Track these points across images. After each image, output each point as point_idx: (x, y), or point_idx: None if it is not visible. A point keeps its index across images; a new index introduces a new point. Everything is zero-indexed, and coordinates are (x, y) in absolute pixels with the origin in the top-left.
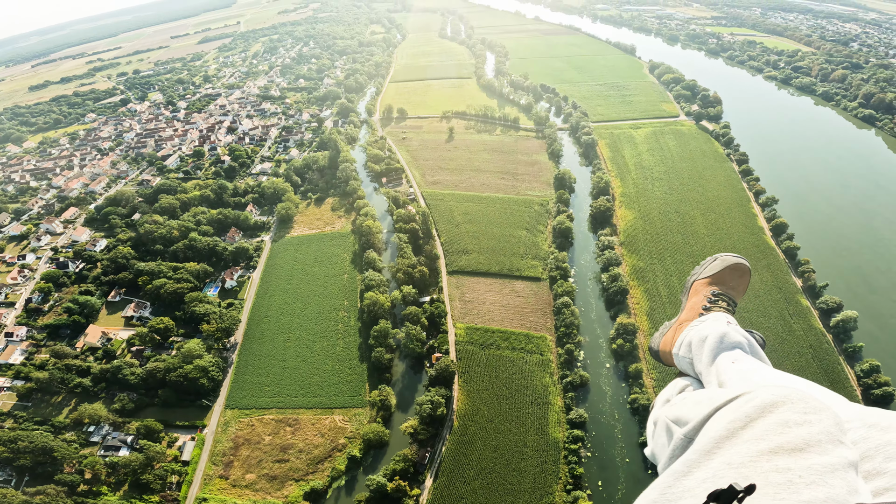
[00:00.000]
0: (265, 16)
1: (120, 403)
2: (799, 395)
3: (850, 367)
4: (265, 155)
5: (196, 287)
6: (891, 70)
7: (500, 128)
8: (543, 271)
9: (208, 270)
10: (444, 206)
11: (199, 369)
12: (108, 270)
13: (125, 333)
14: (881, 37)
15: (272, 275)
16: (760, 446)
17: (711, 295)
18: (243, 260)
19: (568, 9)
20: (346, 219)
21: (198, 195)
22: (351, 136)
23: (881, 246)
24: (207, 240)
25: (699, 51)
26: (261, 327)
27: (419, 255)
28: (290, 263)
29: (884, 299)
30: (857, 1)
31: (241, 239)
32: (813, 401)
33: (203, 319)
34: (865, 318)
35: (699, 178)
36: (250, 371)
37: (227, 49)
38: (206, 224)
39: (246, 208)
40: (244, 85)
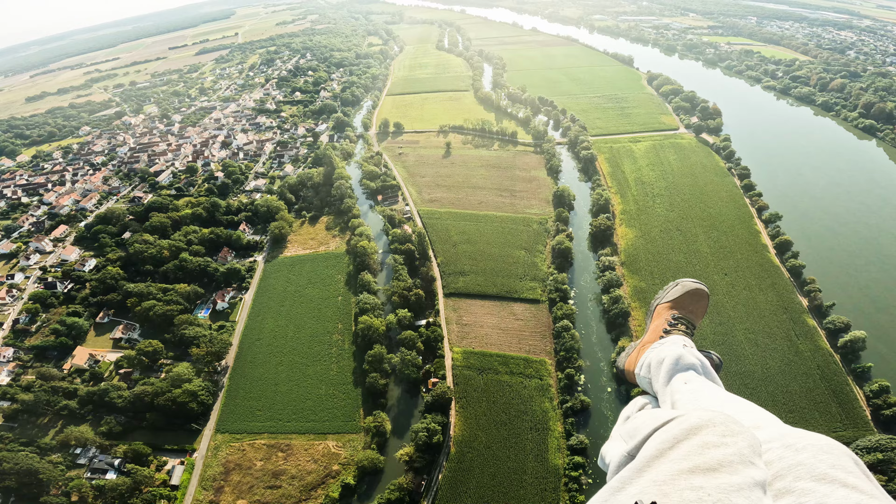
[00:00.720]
0: (263, 27)
1: (107, 426)
2: (721, 419)
3: (858, 388)
4: (259, 171)
5: (186, 309)
6: (889, 78)
7: (497, 142)
8: (542, 293)
9: (199, 292)
10: (441, 225)
11: (189, 393)
12: (97, 291)
13: (113, 356)
14: (877, 44)
15: (265, 296)
16: (682, 466)
17: (672, 318)
18: (235, 281)
19: (565, 20)
20: (341, 238)
21: (189, 213)
22: (347, 151)
23: (888, 263)
24: (198, 260)
25: (697, 61)
26: (253, 350)
27: (415, 276)
28: (283, 285)
29: (892, 318)
30: (851, 8)
31: (234, 259)
32: (733, 424)
33: (193, 343)
34: (874, 338)
35: (701, 194)
36: (242, 395)
37: (224, 61)
38: (198, 244)
39: (239, 227)
40: (240, 98)
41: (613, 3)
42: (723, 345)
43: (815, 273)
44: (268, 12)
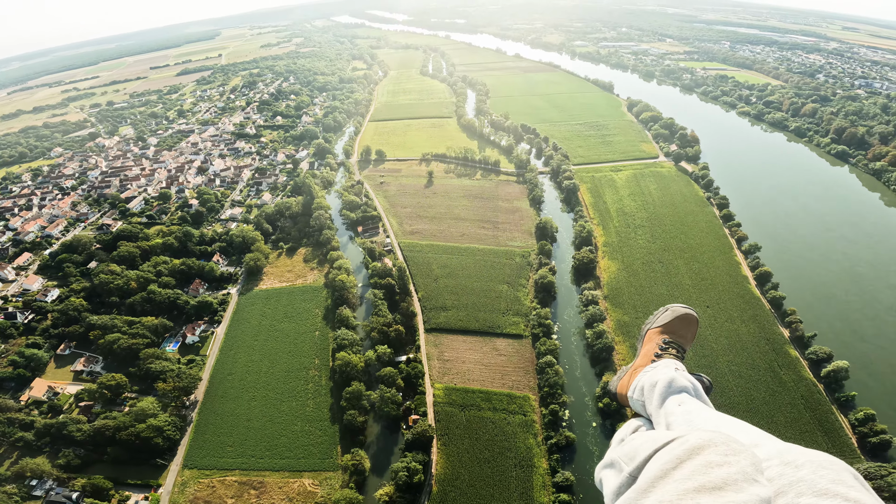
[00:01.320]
0: (247, 49)
1: (65, 459)
2: (722, 439)
3: (843, 417)
4: (236, 199)
5: (153, 342)
6: (858, 102)
7: (480, 171)
8: (525, 328)
9: (168, 325)
10: (422, 258)
11: (154, 428)
12: (59, 323)
13: (74, 388)
14: (844, 66)
15: (238, 330)
16: (687, 485)
17: (663, 343)
18: (207, 314)
19: (547, 46)
20: (319, 271)
21: (160, 243)
22: (327, 179)
23: (866, 292)
24: (168, 292)
25: (674, 86)
26: (224, 385)
27: (395, 311)
28: (257, 318)
29: (873, 347)
30: (818, 31)
31: (206, 291)
32: (734, 444)
33: (160, 377)
34: (856, 367)
35: (681, 225)
36: (212, 430)
37: (205, 82)
38: (168, 275)
39: (212, 258)
40: (219, 121)
41: (594, 30)
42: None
43: (795, 304)
44: (253, 34)
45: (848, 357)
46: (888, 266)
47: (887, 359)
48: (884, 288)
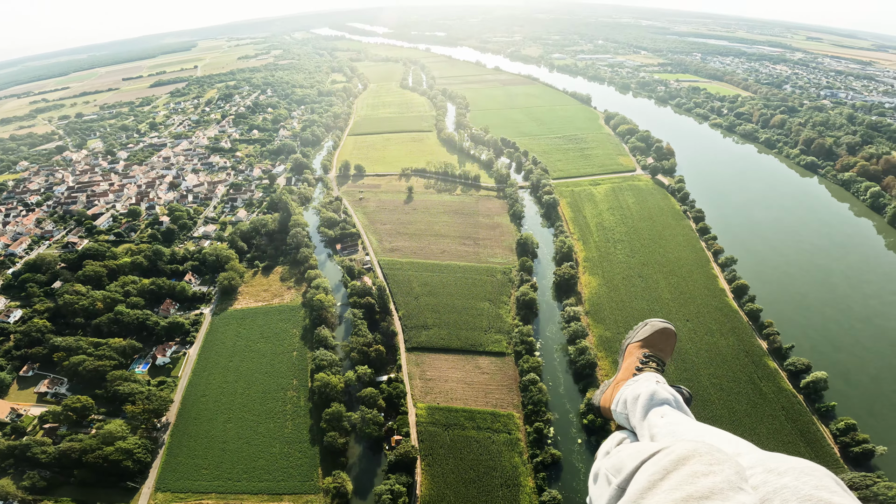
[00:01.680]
0: (224, 61)
1: (30, 481)
2: (707, 449)
3: (824, 427)
4: (210, 215)
5: (121, 364)
6: (825, 112)
7: (460, 187)
8: (508, 346)
9: (136, 346)
10: (403, 276)
11: (123, 451)
12: (21, 344)
13: (38, 410)
14: (810, 77)
15: (212, 351)
16: (675, 496)
17: (643, 356)
18: (178, 335)
19: (526, 59)
20: (297, 290)
21: (129, 262)
22: (305, 195)
23: (840, 302)
24: (137, 313)
25: (649, 99)
26: (197, 407)
27: (375, 331)
28: (232, 339)
29: (850, 357)
30: (783, 41)
31: (177, 312)
32: (718, 453)
33: (128, 400)
34: (834, 377)
35: (659, 238)
36: (185, 453)
37: (179, 94)
38: (137, 295)
39: (184, 277)
40: (193, 135)
41: (571, 42)
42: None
43: (771, 315)
44: (230, 46)
45: (825, 367)
46: (860, 276)
47: (864, 368)
48: (857, 298)
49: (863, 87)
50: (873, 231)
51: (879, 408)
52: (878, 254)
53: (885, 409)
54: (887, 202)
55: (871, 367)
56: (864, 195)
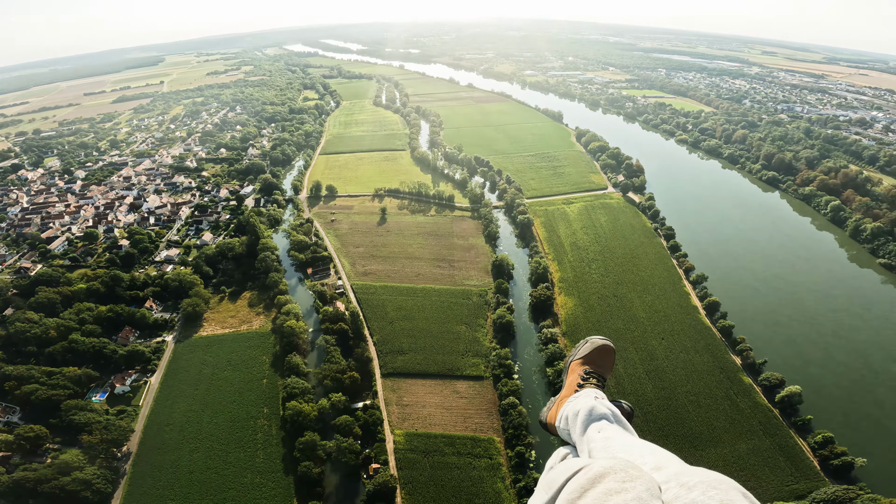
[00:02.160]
0: (193, 76)
1: None
2: (622, 466)
3: (802, 441)
4: (173, 239)
5: (77, 393)
6: (783, 126)
7: (434, 207)
8: (486, 369)
9: (93, 375)
10: (377, 300)
11: (81, 482)
12: None
13: None
14: (767, 91)
15: (175, 379)
16: None
17: (584, 373)
18: (139, 364)
19: (499, 76)
20: (266, 316)
21: (84, 288)
22: (274, 217)
23: (809, 317)
24: (93, 341)
25: (618, 115)
26: (161, 436)
27: (349, 357)
28: (197, 367)
29: (821, 370)
30: (741, 56)
31: (137, 340)
32: (632, 470)
33: (84, 429)
34: (808, 391)
35: (632, 257)
36: (149, 483)
37: (143, 110)
38: (93, 323)
39: (144, 304)
40: (156, 153)
41: (542, 59)
42: (668, 409)
43: (743, 331)
44: (199, 61)
45: (798, 381)
46: (826, 290)
47: (836, 381)
48: (825, 311)
49: (817, 101)
50: (835, 244)
51: (854, 420)
52: (841, 267)
53: (860, 420)
54: (847, 216)
55: (842, 379)
56: (824, 209)
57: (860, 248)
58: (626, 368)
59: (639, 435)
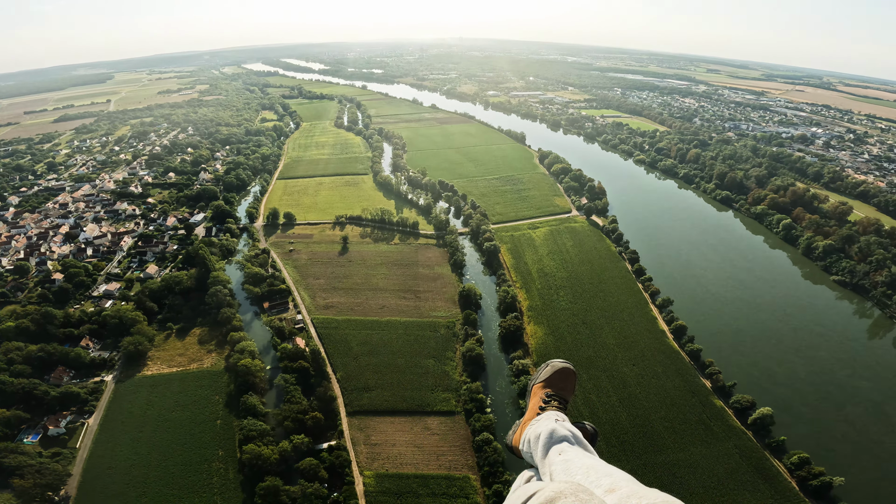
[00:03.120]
0: (143, 95)
1: None
2: (572, 489)
3: (778, 462)
4: (113, 272)
5: (7, 435)
6: (731, 145)
7: (398, 235)
8: (457, 404)
9: (23, 416)
10: (339, 335)
11: None
12: None
13: None
14: (714, 109)
15: (117, 421)
16: None
17: (545, 396)
18: (75, 405)
19: (462, 96)
20: (219, 354)
21: (13, 326)
22: (227, 247)
23: (771, 336)
24: (22, 381)
25: (579, 136)
26: (103, 480)
27: (311, 395)
28: (142, 408)
29: (789, 390)
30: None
31: (72, 380)
32: (583, 493)
33: (16, 473)
34: (778, 411)
35: (599, 282)
36: None
37: (86, 131)
38: (23, 363)
39: (80, 342)
40: (98, 177)
41: (504, 79)
42: (644, 437)
43: (711, 354)
44: (151, 79)
45: (768, 402)
46: (784, 308)
47: (804, 400)
48: (786, 331)
49: (760, 118)
50: (788, 262)
51: (826, 439)
52: (797, 285)
53: (831, 440)
54: (799, 234)
55: (810, 398)
56: (776, 228)
57: (813, 265)
58: (600, 397)
59: (618, 465)
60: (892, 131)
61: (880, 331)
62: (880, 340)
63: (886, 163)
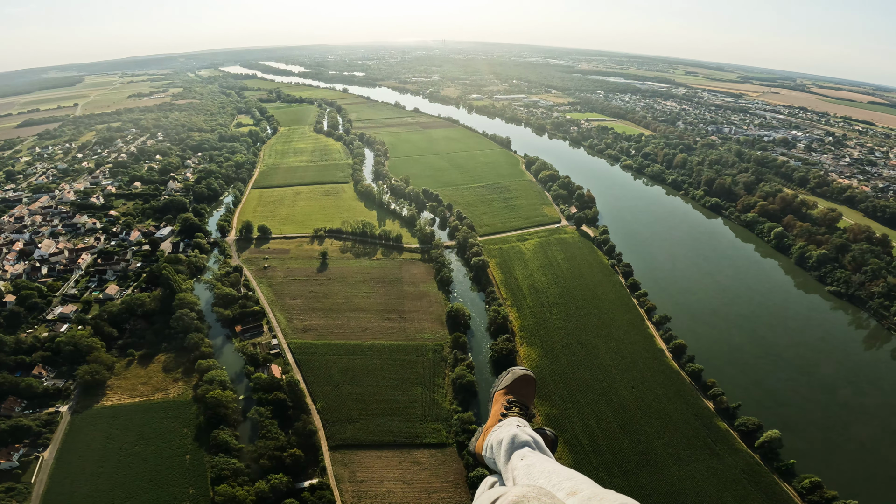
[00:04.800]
0: (112, 99)
1: None
2: (535, 493)
3: (789, 486)
4: (70, 292)
5: None
6: (716, 149)
7: (381, 249)
8: (448, 435)
9: None
10: (319, 361)
11: None
12: None
13: None
14: (696, 112)
15: (74, 455)
16: None
17: (507, 402)
18: (27, 437)
19: (445, 100)
20: (186, 382)
21: None
22: (196, 264)
23: (771, 353)
24: None
25: (564, 140)
26: None
27: (289, 428)
28: (101, 441)
29: (795, 410)
30: (668, 77)
31: (24, 411)
32: (545, 496)
33: None
34: (785, 433)
35: (592, 298)
36: None
37: (49, 137)
38: None
39: (32, 370)
40: (57, 187)
41: (487, 82)
42: (648, 465)
43: (712, 374)
44: (123, 82)
45: (774, 423)
46: (784, 323)
47: (811, 420)
48: (786, 346)
49: (741, 121)
50: (782, 272)
51: (836, 460)
52: (793, 296)
53: (841, 460)
54: (791, 242)
55: (816, 418)
56: (767, 236)
57: (806, 275)
58: (600, 424)
59: None
60: (869, 133)
61: (880, 343)
62: (880, 353)
63: (868, 166)
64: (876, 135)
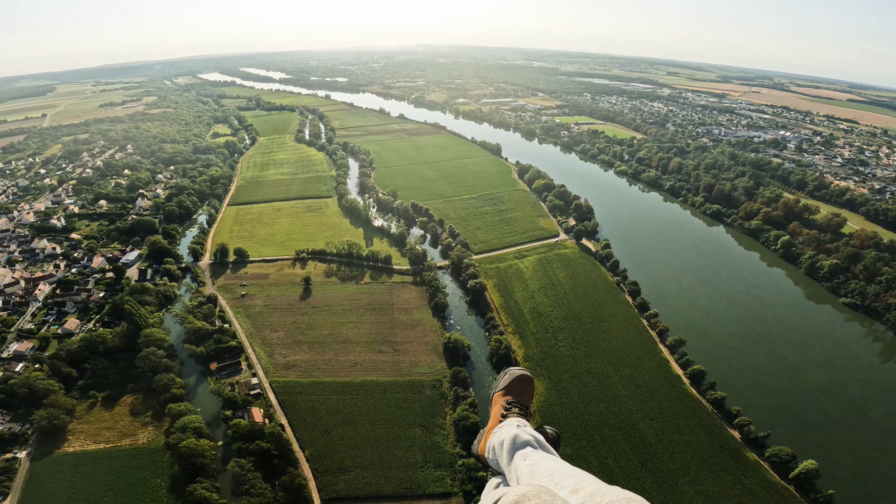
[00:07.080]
0: (83, 108)
1: None
2: (535, 492)
3: None
4: (26, 327)
5: None
6: (709, 152)
7: (369, 271)
8: (453, 483)
9: None
10: (305, 402)
11: None
12: None
13: None
14: (684, 114)
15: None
16: None
17: (506, 403)
18: None
19: (431, 105)
20: (156, 427)
21: None
22: (166, 293)
23: (796, 375)
24: None
25: (555, 145)
26: None
27: (276, 480)
28: (65, 491)
29: (827, 436)
30: (651, 77)
31: None
32: (546, 495)
33: None
34: (821, 461)
35: (599, 321)
36: None
37: (13, 151)
38: None
39: None
40: (16, 208)
41: (473, 86)
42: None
43: (735, 400)
44: (96, 91)
45: (805, 450)
46: (804, 341)
47: (845, 446)
48: (810, 367)
49: (729, 122)
50: (790, 283)
51: (873, 488)
52: (808, 310)
53: (880, 488)
54: (799, 251)
55: (851, 443)
56: (774, 245)
57: (817, 286)
58: (619, 462)
59: None
60: (855, 132)
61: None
62: None
63: (861, 166)
64: (861, 133)
